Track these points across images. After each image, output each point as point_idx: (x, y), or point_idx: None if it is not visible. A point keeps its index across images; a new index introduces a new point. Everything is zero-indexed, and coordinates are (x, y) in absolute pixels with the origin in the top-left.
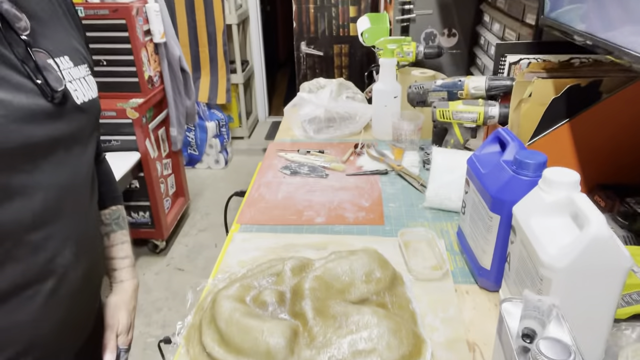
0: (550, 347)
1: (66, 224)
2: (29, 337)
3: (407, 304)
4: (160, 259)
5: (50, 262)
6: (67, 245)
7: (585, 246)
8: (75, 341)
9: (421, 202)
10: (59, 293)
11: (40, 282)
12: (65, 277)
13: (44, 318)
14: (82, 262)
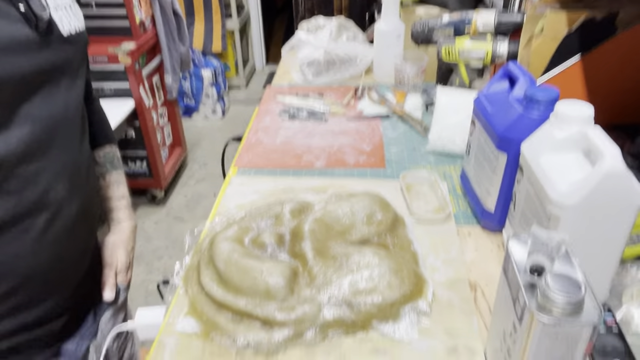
0: (559, 281)
1: (58, 158)
2: (25, 270)
3: (408, 245)
4: (160, 209)
5: (43, 196)
6: (60, 180)
7: (598, 182)
8: (72, 277)
9: (424, 146)
10: (53, 228)
11: (34, 215)
12: (59, 212)
13: (39, 252)
14: (75, 198)
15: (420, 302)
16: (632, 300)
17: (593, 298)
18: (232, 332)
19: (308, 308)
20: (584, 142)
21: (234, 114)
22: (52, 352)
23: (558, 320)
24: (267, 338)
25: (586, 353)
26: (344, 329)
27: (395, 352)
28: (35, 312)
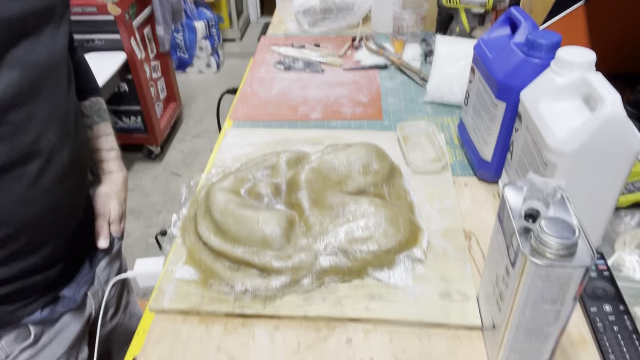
0: (554, 225)
1: (47, 105)
2: (20, 218)
3: (404, 195)
4: (156, 165)
5: (34, 144)
6: (50, 128)
7: (597, 128)
8: (67, 225)
9: (422, 97)
10: (45, 175)
11: (26, 163)
12: (50, 159)
13: (33, 199)
14: (66, 146)
15: (415, 250)
16: (624, 247)
17: (586, 241)
18: (230, 280)
19: (304, 256)
20: (584, 88)
21: (229, 68)
22: (50, 298)
23: (551, 263)
24: (264, 285)
25: (577, 295)
26: (340, 276)
27: (389, 297)
28: (32, 259)
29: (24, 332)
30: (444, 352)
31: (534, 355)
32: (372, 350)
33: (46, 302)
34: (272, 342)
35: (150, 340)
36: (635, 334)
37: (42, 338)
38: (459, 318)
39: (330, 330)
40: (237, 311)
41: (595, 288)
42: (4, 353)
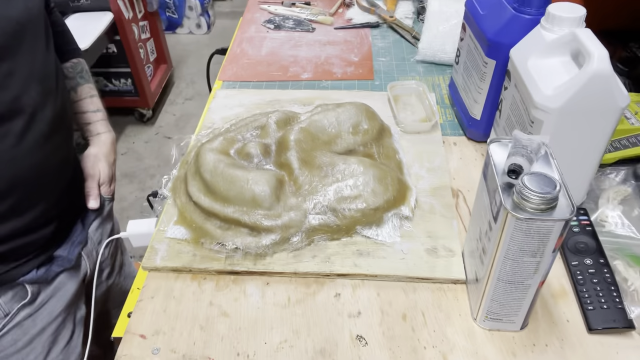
0: (535, 181)
1: (26, 62)
2: (7, 176)
3: (394, 154)
4: (149, 128)
5: (16, 100)
6: (32, 85)
7: (584, 84)
8: (56, 185)
9: (413, 56)
10: (30, 133)
11: (9, 120)
12: (34, 117)
13: (19, 158)
14: (49, 104)
15: (403, 208)
16: (607, 203)
17: (567, 196)
18: (221, 238)
19: (294, 215)
20: (573, 44)
21: (220, 28)
22: (45, 258)
23: (531, 216)
24: (254, 243)
25: (556, 247)
26: (329, 235)
27: (377, 254)
28: (24, 219)
29: (21, 291)
30: (429, 303)
31: (514, 306)
32: (360, 303)
33: (41, 261)
34: (263, 298)
35: (145, 297)
36: (614, 285)
37: (40, 297)
38: (444, 272)
39: (319, 285)
40: (228, 268)
41: (577, 243)
42: (3, 311)
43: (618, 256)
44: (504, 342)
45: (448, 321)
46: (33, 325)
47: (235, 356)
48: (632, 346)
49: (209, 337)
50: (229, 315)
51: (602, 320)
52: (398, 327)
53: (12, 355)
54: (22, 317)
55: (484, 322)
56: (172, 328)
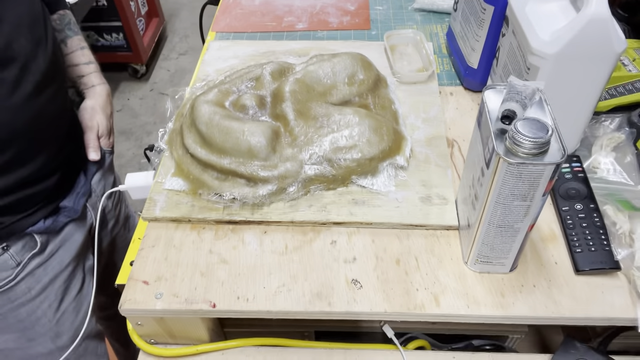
0: (528, 126)
1: (13, 9)
2: (5, 126)
3: (389, 104)
4: (143, 84)
5: (7, 49)
6: (21, 33)
7: (581, 28)
8: (55, 135)
9: (411, 4)
10: (24, 83)
11: (2, 68)
12: (27, 65)
13: (15, 108)
14: (40, 53)
15: (399, 158)
16: (600, 150)
17: (558, 140)
18: (218, 189)
19: (290, 165)
20: None
21: None
22: (52, 208)
23: (522, 161)
24: (252, 193)
25: (546, 191)
26: (325, 184)
27: (372, 202)
28: (28, 169)
29: (30, 241)
30: (422, 249)
31: (503, 249)
32: (355, 250)
33: (48, 212)
34: (261, 245)
35: (146, 245)
36: (602, 229)
37: (49, 247)
38: (437, 219)
39: (315, 233)
40: (226, 218)
41: (568, 189)
42: (14, 261)
43: (608, 201)
44: (493, 284)
45: (440, 265)
46: (45, 274)
47: (235, 300)
48: (617, 286)
49: (209, 282)
50: (228, 262)
51: (589, 262)
52: (392, 271)
53: (27, 303)
54: (34, 266)
55: (474, 265)
56: (174, 275)
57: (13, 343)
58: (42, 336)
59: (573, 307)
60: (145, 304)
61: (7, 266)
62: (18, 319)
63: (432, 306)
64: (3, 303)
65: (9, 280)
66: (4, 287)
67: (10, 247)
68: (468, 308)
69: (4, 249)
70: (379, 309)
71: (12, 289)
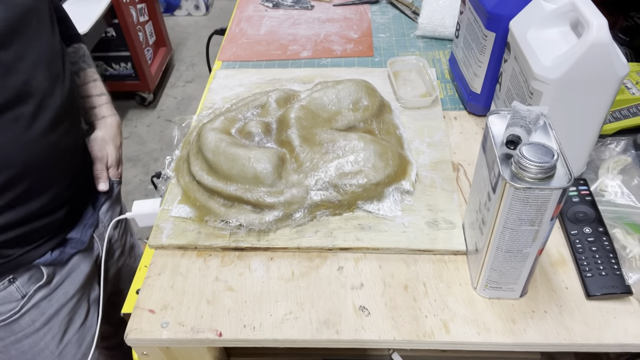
0: (533, 150)
1: (33, 46)
2: (20, 160)
3: (394, 130)
4: (150, 112)
5: (26, 85)
6: (40, 69)
7: (583, 53)
8: (67, 169)
9: (413, 31)
10: (40, 118)
11: (20, 105)
12: (43, 101)
13: (31, 142)
14: (57, 89)
15: (404, 182)
16: (607, 173)
17: (565, 164)
18: (224, 216)
19: (296, 191)
20: (572, 13)
21: (218, 9)
22: (59, 240)
23: (529, 186)
24: (258, 219)
25: (554, 216)
26: (331, 210)
27: (379, 228)
28: (37, 203)
29: (37, 273)
30: (430, 274)
31: (513, 274)
32: (363, 276)
33: (55, 244)
34: (267, 272)
35: (152, 273)
36: (612, 253)
37: (55, 278)
38: (444, 244)
39: (322, 259)
40: (232, 245)
41: (576, 212)
42: (20, 293)
43: (617, 224)
44: (504, 310)
45: (449, 291)
46: (49, 306)
47: (242, 328)
48: (629, 311)
49: (215, 310)
50: (234, 289)
51: (600, 287)
52: (400, 297)
53: (31, 335)
54: (39, 298)
55: (484, 291)
56: (180, 303)
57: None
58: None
59: (585, 333)
60: (152, 333)
61: (13, 298)
62: (20, 351)
63: (441, 333)
64: (6, 335)
65: (14, 312)
66: (9, 320)
67: (16, 279)
68: (478, 335)
69: (10, 281)
70: (388, 336)
71: (17, 322)
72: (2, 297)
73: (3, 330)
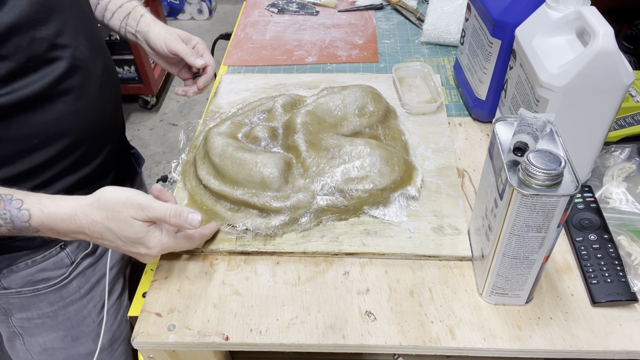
0: (540, 158)
1: (71, 17)
2: (76, 128)
3: (399, 135)
4: (153, 115)
5: (72, 58)
6: (80, 40)
7: (589, 62)
8: (112, 136)
9: (418, 38)
10: (87, 88)
11: (69, 77)
12: (88, 71)
13: (82, 111)
14: (98, 58)
15: (410, 188)
16: (612, 180)
17: (571, 172)
18: (231, 220)
19: (302, 196)
20: (578, 22)
21: (221, 14)
22: None
23: (536, 193)
24: (264, 224)
25: (560, 222)
26: (337, 215)
27: (385, 233)
28: (89, 169)
29: (83, 241)
30: (436, 280)
31: (519, 280)
32: (368, 281)
33: None
34: (273, 276)
35: (159, 277)
36: (617, 260)
37: (99, 248)
38: (450, 250)
39: (328, 264)
40: (239, 249)
41: (581, 219)
42: (70, 259)
43: (622, 231)
44: (510, 316)
45: (454, 296)
46: (93, 275)
47: (249, 332)
48: (635, 318)
49: (222, 314)
50: (240, 293)
51: (605, 294)
52: (406, 303)
53: (77, 301)
54: (85, 266)
55: (489, 297)
56: (187, 306)
57: (59, 342)
58: (85, 336)
59: (591, 340)
60: (158, 337)
61: (63, 264)
62: (67, 317)
63: (447, 339)
64: (55, 300)
65: (63, 277)
66: (59, 284)
67: (66, 246)
68: (484, 341)
69: (61, 247)
70: (394, 342)
71: (65, 287)
72: (54, 262)
73: (53, 294)
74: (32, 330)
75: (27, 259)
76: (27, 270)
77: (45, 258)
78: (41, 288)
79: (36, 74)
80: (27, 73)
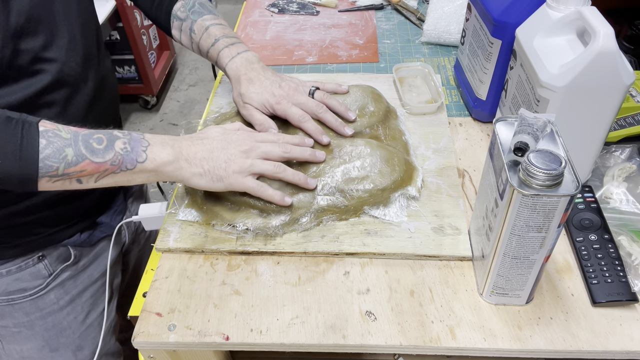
0: (541, 158)
1: (63, 33)
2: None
3: (400, 135)
4: (153, 115)
5: (58, 73)
6: (71, 54)
7: (590, 62)
8: None
9: (418, 38)
10: (74, 102)
11: (52, 91)
12: (75, 87)
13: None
14: (90, 74)
15: (410, 188)
16: (612, 180)
17: (572, 172)
18: (231, 220)
19: (303, 196)
20: (579, 22)
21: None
22: (89, 223)
23: (537, 193)
24: (264, 224)
25: (561, 223)
26: (337, 215)
27: (385, 233)
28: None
29: (65, 253)
30: (436, 280)
31: (519, 280)
32: (369, 281)
33: (85, 226)
34: (274, 276)
35: (159, 277)
36: (618, 260)
37: (82, 260)
38: (450, 250)
39: (328, 264)
40: (239, 249)
41: (582, 219)
42: (48, 271)
43: (622, 232)
44: (510, 316)
45: (455, 296)
46: (74, 287)
47: (249, 332)
48: (635, 318)
49: (222, 314)
50: (241, 293)
51: (606, 294)
52: (406, 303)
53: (55, 313)
54: (65, 278)
55: (490, 297)
56: (187, 306)
57: (37, 352)
58: (65, 347)
59: (591, 340)
60: (159, 336)
61: (40, 275)
62: (44, 328)
63: (448, 339)
64: (32, 310)
65: (40, 288)
66: (35, 295)
67: (45, 257)
68: (485, 341)
69: (39, 258)
70: (394, 342)
71: (42, 298)
72: (31, 273)
73: (29, 305)
74: (9, 338)
75: (2, 268)
76: (2, 280)
77: (22, 269)
78: (16, 298)
79: (16, 85)
80: (7, 82)
